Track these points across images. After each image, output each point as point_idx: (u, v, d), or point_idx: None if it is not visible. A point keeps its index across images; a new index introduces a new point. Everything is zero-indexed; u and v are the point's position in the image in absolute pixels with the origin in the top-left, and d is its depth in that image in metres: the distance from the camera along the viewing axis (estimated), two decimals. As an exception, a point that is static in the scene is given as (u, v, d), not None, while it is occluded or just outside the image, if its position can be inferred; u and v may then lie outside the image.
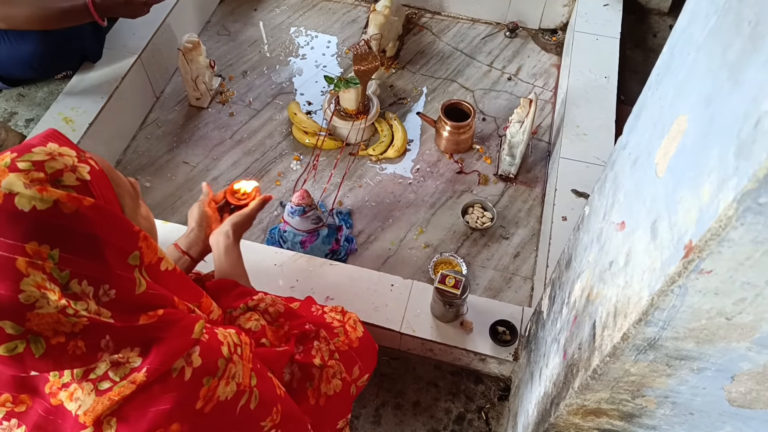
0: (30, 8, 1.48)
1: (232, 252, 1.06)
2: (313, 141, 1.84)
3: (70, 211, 0.59)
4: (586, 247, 0.86)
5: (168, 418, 0.66)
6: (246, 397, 0.74)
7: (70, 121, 1.67)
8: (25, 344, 0.58)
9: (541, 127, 1.91)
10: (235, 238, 1.08)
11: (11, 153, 0.60)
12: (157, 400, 0.66)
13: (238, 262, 1.07)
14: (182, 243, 1.08)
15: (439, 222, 1.70)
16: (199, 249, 1.09)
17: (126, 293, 0.64)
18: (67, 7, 1.51)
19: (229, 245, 1.06)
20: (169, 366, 0.66)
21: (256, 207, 1.13)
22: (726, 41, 0.49)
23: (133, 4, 1.58)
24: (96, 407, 0.64)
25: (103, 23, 1.58)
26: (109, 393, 0.64)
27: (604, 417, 0.80)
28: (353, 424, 1.33)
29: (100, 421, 0.64)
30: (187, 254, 1.07)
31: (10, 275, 0.56)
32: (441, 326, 1.35)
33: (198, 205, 1.12)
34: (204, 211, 1.11)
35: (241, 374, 0.73)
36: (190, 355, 0.68)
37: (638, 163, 0.68)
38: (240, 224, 1.09)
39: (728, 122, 0.45)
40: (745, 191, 0.41)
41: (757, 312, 0.52)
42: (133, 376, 0.64)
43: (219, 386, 0.70)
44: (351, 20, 2.26)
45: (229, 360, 0.72)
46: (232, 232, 1.07)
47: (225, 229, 1.08)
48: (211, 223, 1.11)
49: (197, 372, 0.68)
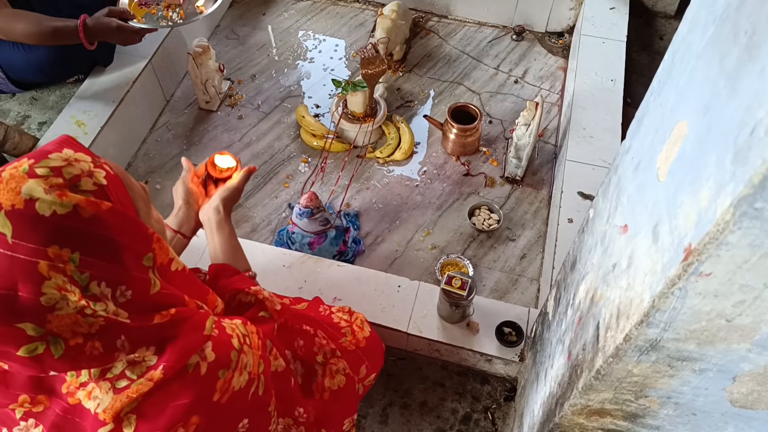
0: (27, 24, 1.49)
1: (224, 226, 1.07)
2: (321, 143, 1.86)
3: (89, 215, 0.60)
4: (591, 250, 0.87)
5: (187, 412, 0.68)
6: (255, 384, 0.77)
7: (82, 124, 1.69)
8: (45, 345, 0.59)
9: (547, 130, 1.92)
10: (226, 213, 1.08)
11: (28, 159, 0.61)
12: (176, 396, 0.68)
13: (231, 234, 1.08)
14: (172, 222, 1.08)
15: (445, 224, 1.72)
16: (190, 226, 1.09)
17: (141, 294, 0.66)
18: (59, 27, 1.50)
19: (221, 220, 1.07)
20: (185, 362, 0.68)
21: (242, 179, 1.12)
22: (723, 50, 0.50)
23: (125, 32, 1.56)
24: (115, 404, 0.65)
25: (91, 47, 1.55)
26: (127, 391, 0.66)
27: (608, 417, 0.81)
28: (360, 424, 1.35)
29: (119, 417, 0.66)
30: (179, 233, 1.07)
31: (33, 278, 0.58)
32: (447, 327, 1.36)
33: (182, 182, 1.11)
34: (189, 187, 1.10)
35: (251, 362, 0.76)
36: (204, 350, 0.70)
37: (640, 168, 0.69)
38: (229, 198, 1.09)
39: (726, 129, 0.46)
40: (741, 196, 0.42)
41: (756, 314, 0.53)
42: (150, 373, 0.66)
43: (234, 377, 0.72)
44: (359, 24, 2.28)
45: (240, 351, 0.74)
46: (222, 206, 1.07)
47: (215, 204, 1.08)
48: (198, 199, 1.11)
49: (212, 366, 0.70)
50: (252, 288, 0.99)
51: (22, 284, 0.57)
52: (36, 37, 1.51)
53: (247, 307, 0.97)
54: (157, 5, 1.74)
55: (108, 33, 1.54)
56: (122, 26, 1.55)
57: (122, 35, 1.56)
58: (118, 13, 1.56)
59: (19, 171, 0.60)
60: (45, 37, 1.51)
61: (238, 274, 1.02)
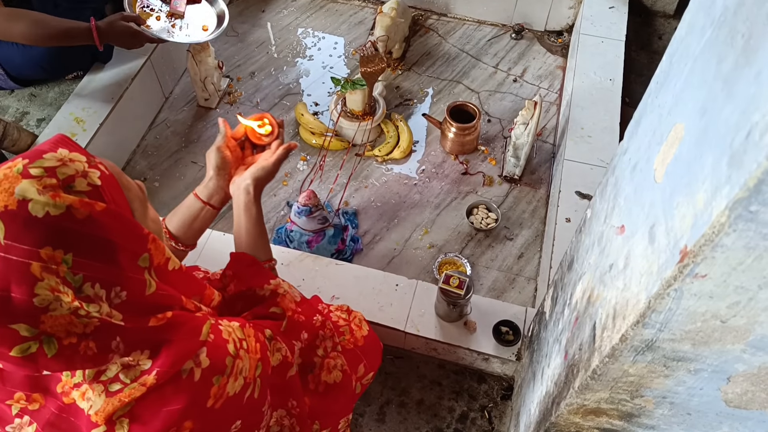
0: (29, 25, 1.46)
1: (251, 209, 1.02)
2: (320, 142, 1.86)
3: (83, 216, 0.60)
4: (588, 250, 0.87)
5: (180, 417, 0.68)
6: (251, 388, 0.76)
7: (81, 121, 1.69)
8: (38, 344, 0.59)
9: (545, 129, 1.92)
10: (256, 194, 1.03)
11: (23, 159, 0.61)
12: (170, 401, 0.68)
13: (258, 219, 1.03)
14: (202, 193, 1.04)
15: (443, 222, 1.72)
16: (220, 197, 1.05)
17: (137, 295, 0.65)
18: (69, 27, 1.49)
19: (249, 202, 1.02)
20: (178, 368, 0.68)
21: (278, 159, 1.06)
22: (720, 54, 0.50)
23: (139, 38, 1.56)
24: (107, 407, 0.66)
25: (101, 48, 1.54)
26: (120, 394, 0.66)
27: (603, 416, 0.82)
28: (357, 422, 1.35)
29: (112, 420, 0.66)
30: (208, 204, 1.04)
31: (26, 279, 0.57)
32: (445, 326, 1.36)
33: (215, 149, 1.06)
34: (223, 155, 1.05)
35: (247, 367, 0.76)
36: (199, 356, 0.70)
37: (638, 169, 0.69)
38: (262, 179, 1.04)
39: (721, 132, 0.47)
40: (736, 199, 0.43)
41: (750, 315, 0.53)
42: (144, 378, 0.66)
43: (228, 383, 0.72)
44: (358, 22, 2.28)
45: (236, 356, 0.74)
46: (253, 187, 1.03)
47: (246, 183, 1.03)
48: (230, 168, 1.06)
49: (206, 372, 0.70)
50: (271, 282, 0.98)
51: (15, 285, 0.57)
52: (39, 38, 1.48)
53: (260, 300, 0.96)
54: (160, 11, 1.74)
55: (123, 37, 1.55)
56: (138, 33, 1.56)
57: (135, 40, 1.58)
58: (131, 18, 1.57)
59: (13, 171, 0.60)
60: (51, 38, 1.49)
61: (255, 265, 0.99)
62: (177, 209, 1.05)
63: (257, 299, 0.96)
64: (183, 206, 1.04)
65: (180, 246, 1.04)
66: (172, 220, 1.04)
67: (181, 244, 1.04)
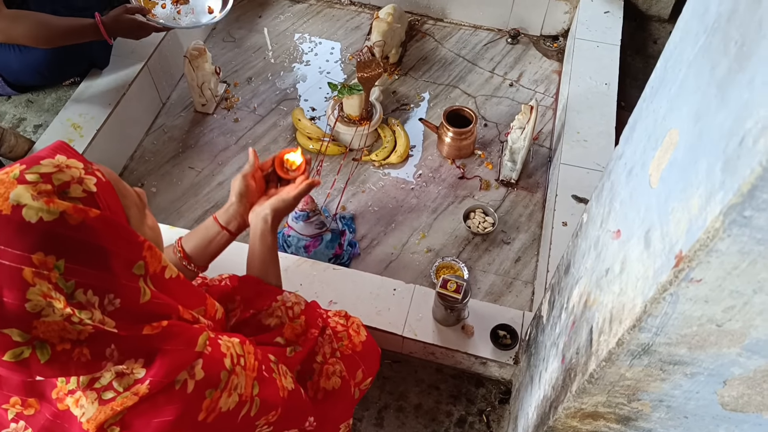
0: (31, 25, 1.47)
1: (267, 238, 1.04)
2: (317, 146, 1.86)
3: (76, 222, 0.60)
4: (584, 254, 0.87)
5: (171, 429, 0.68)
6: (247, 407, 0.75)
7: (78, 127, 1.69)
8: (30, 350, 0.59)
9: (542, 133, 1.93)
10: (273, 224, 1.05)
11: (20, 165, 0.61)
12: (161, 411, 0.67)
13: (272, 248, 1.05)
14: (221, 217, 1.05)
15: (441, 227, 1.72)
16: (237, 224, 1.05)
17: (131, 302, 0.65)
18: (74, 25, 1.50)
19: (266, 230, 1.04)
20: (172, 379, 0.68)
21: (300, 193, 1.07)
22: (714, 60, 0.51)
23: (147, 28, 1.58)
24: (98, 416, 0.65)
25: (111, 42, 1.58)
26: (112, 403, 0.66)
27: (601, 420, 0.82)
28: (356, 427, 1.35)
29: (103, 429, 0.66)
30: (226, 229, 1.04)
31: (17, 285, 0.57)
32: (443, 330, 1.36)
33: (241, 177, 1.07)
34: (247, 183, 1.06)
35: (243, 385, 0.75)
36: (193, 367, 0.69)
37: (633, 173, 0.70)
38: (281, 210, 1.05)
39: (715, 138, 0.47)
40: (731, 205, 0.43)
41: (745, 319, 0.53)
42: (137, 387, 0.66)
43: (221, 398, 0.71)
44: (354, 27, 2.29)
45: (232, 372, 0.73)
46: (272, 217, 1.04)
47: (264, 213, 1.04)
48: (253, 197, 1.08)
49: (200, 384, 0.69)
50: (278, 298, 0.99)
51: (7, 290, 0.57)
52: (43, 39, 1.49)
53: (266, 330, 0.96)
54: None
55: (130, 30, 1.57)
56: (145, 24, 1.58)
57: (142, 31, 1.59)
58: (136, 9, 1.58)
59: (9, 177, 0.60)
60: (56, 38, 1.50)
61: (261, 284, 1.01)
62: (195, 230, 1.06)
63: (262, 329, 0.96)
64: (201, 228, 1.05)
65: (192, 267, 1.04)
66: (189, 241, 1.04)
67: (193, 265, 1.04)
